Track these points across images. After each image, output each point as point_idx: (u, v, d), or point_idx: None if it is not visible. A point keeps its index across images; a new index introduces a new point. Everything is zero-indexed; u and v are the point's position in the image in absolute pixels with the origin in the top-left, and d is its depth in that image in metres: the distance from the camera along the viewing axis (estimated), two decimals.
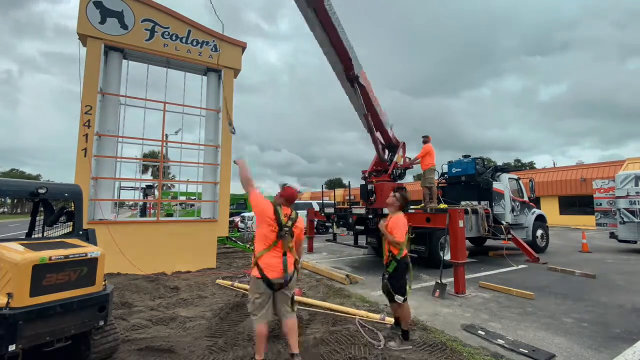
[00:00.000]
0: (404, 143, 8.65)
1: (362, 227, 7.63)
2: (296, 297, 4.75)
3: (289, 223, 2.97)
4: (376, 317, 4.12)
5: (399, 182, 8.33)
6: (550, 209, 23.19)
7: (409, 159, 8.62)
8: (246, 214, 16.10)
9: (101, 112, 7.05)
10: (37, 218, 3.56)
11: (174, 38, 7.69)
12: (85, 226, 3.39)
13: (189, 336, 3.65)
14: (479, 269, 7.47)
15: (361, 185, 8.65)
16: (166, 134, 8.66)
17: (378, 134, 8.27)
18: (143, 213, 17.08)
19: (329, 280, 6.34)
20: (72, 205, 3.33)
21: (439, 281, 5.42)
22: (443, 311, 4.61)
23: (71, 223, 3.34)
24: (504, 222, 8.70)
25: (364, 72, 7.71)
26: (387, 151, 8.62)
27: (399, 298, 3.42)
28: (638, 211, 10.07)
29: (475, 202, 8.92)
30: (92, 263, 2.73)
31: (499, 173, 9.78)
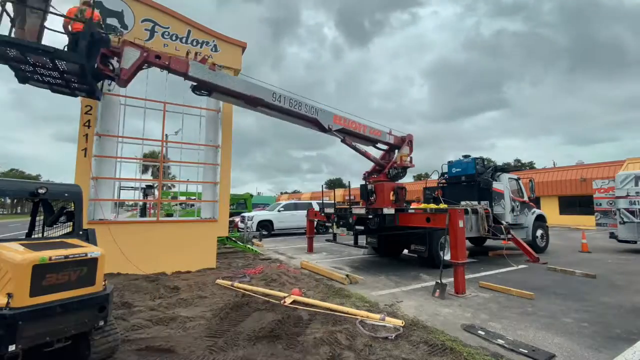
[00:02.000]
0: (410, 135, 8.76)
1: (362, 227, 7.62)
2: (297, 298, 4.79)
3: None
4: (376, 317, 4.12)
5: (398, 182, 8.34)
6: (550, 209, 23.18)
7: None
8: (246, 214, 16.10)
9: (101, 112, 7.05)
10: (37, 218, 3.56)
11: (174, 38, 7.70)
12: (85, 226, 3.39)
13: (189, 336, 3.65)
14: (479, 269, 7.47)
15: (361, 185, 8.65)
16: (166, 134, 8.66)
17: (371, 148, 8.71)
18: (143, 213, 17.06)
19: (329, 280, 6.34)
20: (72, 205, 3.33)
21: (439, 281, 5.42)
22: (443, 311, 4.61)
23: (71, 223, 3.35)
24: (504, 222, 8.70)
25: (337, 116, 7.87)
26: (395, 152, 8.84)
27: None
28: (638, 211, 10.06)
29: (475, 202, 8.91)
30: (92, 263, 2.74)
31: (499, 173, 9.79)
